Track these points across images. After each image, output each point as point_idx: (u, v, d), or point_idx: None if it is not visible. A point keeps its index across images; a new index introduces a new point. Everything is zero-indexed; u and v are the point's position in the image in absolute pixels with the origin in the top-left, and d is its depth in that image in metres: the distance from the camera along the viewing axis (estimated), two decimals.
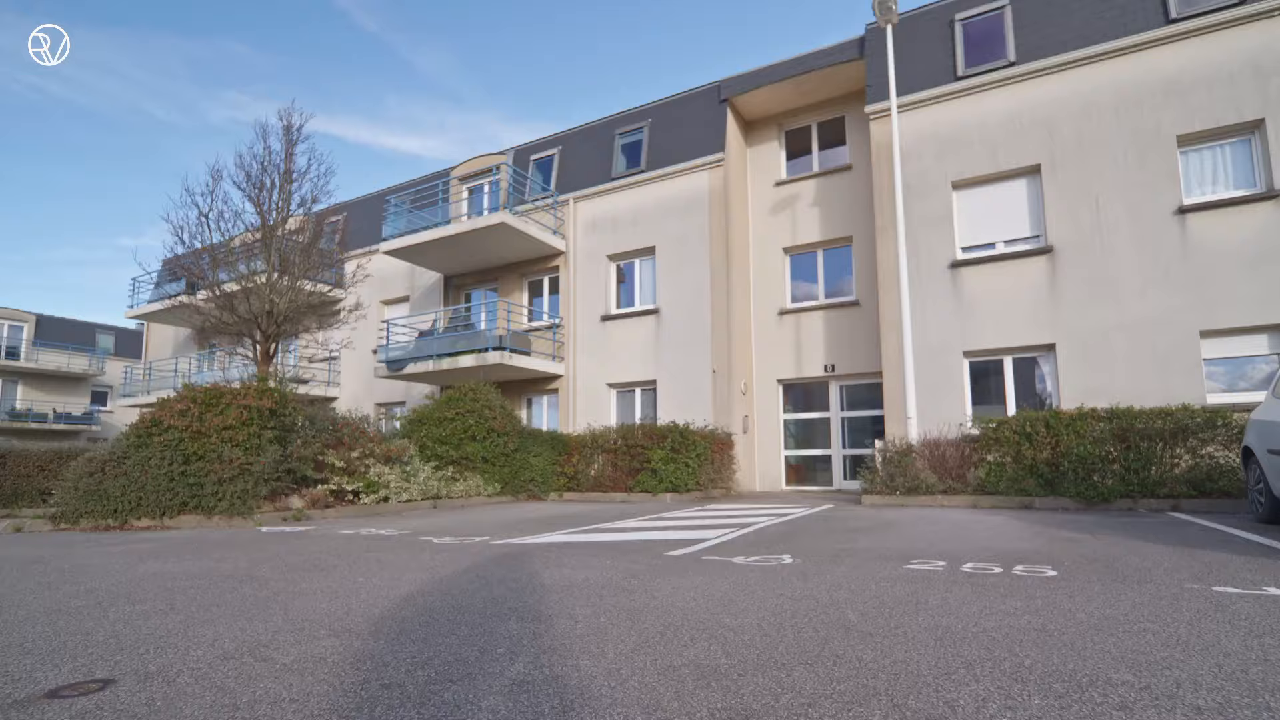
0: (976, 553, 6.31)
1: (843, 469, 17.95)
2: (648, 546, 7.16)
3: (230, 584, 5.21)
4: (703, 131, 19.68)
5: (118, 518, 10.60)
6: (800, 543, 7.30)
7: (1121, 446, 11.78)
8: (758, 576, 5.19)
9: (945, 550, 6.51)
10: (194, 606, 4.36)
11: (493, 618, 3.89)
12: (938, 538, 7.52)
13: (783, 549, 6.78)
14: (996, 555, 6.14)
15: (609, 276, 20.87)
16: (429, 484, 14.27)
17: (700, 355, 18.58)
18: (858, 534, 8.04)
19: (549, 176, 22.84)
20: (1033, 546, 6.67)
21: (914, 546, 6.82)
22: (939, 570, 5.36)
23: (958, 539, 7.41)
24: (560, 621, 3.78)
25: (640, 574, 5.39)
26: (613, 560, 6.15)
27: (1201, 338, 12.94)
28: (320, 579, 5.37)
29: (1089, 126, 14.21)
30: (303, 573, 5.70)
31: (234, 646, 3.35)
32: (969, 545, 6.86)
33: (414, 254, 22.11)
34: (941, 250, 15.51)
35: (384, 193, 27.12)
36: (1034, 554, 6.17)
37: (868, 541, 7.31)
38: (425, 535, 8.69)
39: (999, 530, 8.23)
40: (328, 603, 4.41)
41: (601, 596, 4.48)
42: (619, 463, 16.66)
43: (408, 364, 20.88)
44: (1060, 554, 6.13)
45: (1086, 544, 6.77)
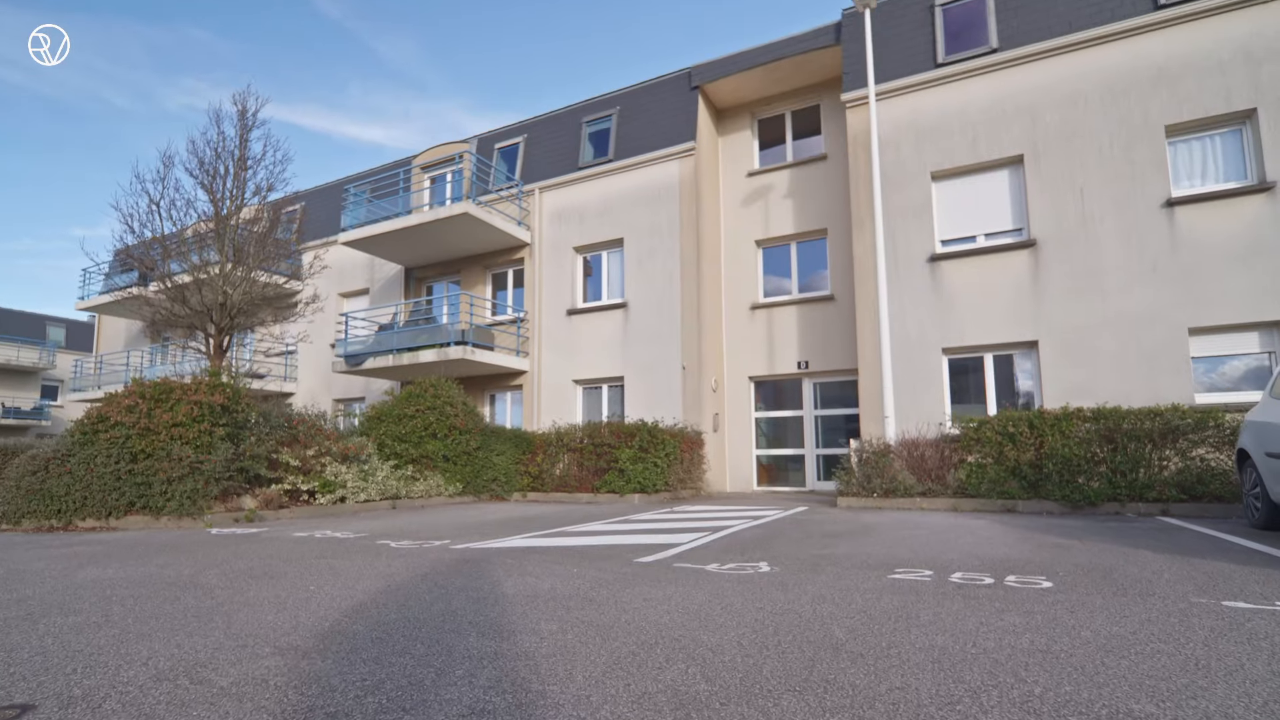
0: (963, 560, 6.03)
1: (816, 469, 17.19)
2: (616, 552, 6.84)
3: (172, 593, 4.91)
4: (673, 120, 18.81)
5: (62, 518, 10.13)
6: (776, 548, 6.98)
7: (1108, 448, 11.20)
8: (734, 587, 4.89)
9: (930, 558, 6.22)
10: (131, 618, 4.09)
11: (451, 633, 3.64)
12: (920, 544, 7.19)
13: (759, 556, 6.48)
14: (985, 563, 5.85)
15: (575, 269, 19.97)
16: (388, 484, 13.64)
17: (670, 351, 17.79)
18: (836, 539, 7.69)
19: (514, 166, 21.82)
20: (1022, 554, 6.37)
21: (896, 553, 6.51)
22: (926, 580, 5.06)
23: (941, 545, 7.08)
24: (524, 638, 3.53)
25: (609, 583, 5.09)
26: (579, 568, 5.84)
27: (1190, 335, 12.31)
28: (268, 587, 5.07)
29: (1074, 116, 13.54)
30: (250, 580, 5.41)
31: (169, 666, 3.13)
32: (954, 552, 6.56)
33: (374, 245, 21.13)
34: (920, 243, 14.78)
35: (343, 182, 25.99)
36: (1025, 562, 5.88)
37: (847, 547, 6.98)
38: (382, 538, 8.29)
39: (984, 536, 7.86)
40: (274, 615, 4.13)
41: (568, 609, 4.20)
42: (585, 462, 15.95)
43: (367, 359, 20.00)
44: (1052, 562, 5.85)
45: (1078, 551, 6.49)
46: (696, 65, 18.67)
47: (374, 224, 20.42)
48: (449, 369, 18.81)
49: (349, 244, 20.88)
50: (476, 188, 21.49)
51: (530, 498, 15.99)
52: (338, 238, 21.59)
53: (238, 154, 17.91)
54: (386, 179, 23.84)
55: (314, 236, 25.70)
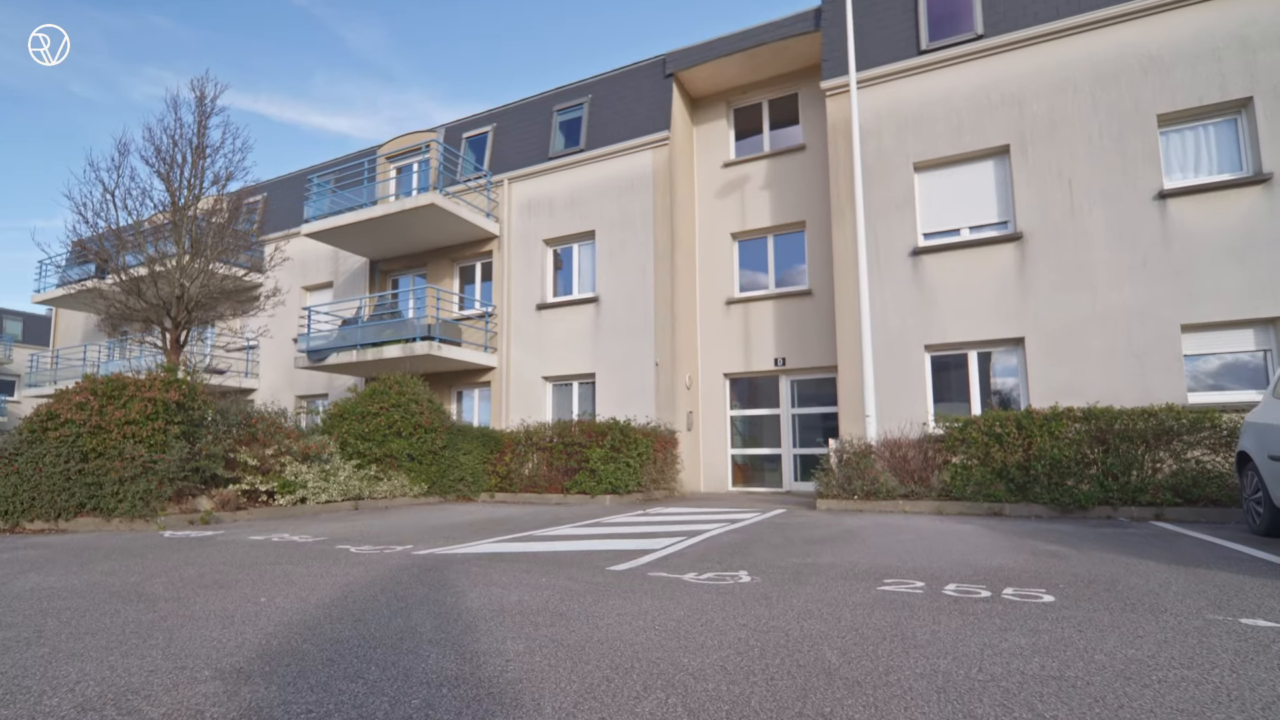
0: (956, 570, 5.68)
1: (793, 469, 16.42)
2: (587, 559, 6.49)
3: (114, 604, 4.57)
4: (647, 108, 17.95)
5: (8, 520, 9.70)
6: (757, 556, 6.64)
7: (1100, 449, 10.59)
8: (714, 600, 4.57)
9: (920, 567, 5.86)
10: (66, 634, 3.80)
11: (410, 654, 3.35)
12: (908, 552, 6.83)
13: (738, 564, 6.13)
14: (979, 574, 5.50)
15: (545, 262, 19.09)
16: (350, 484, 13.05)
17: (642, 347, 17.03)
18: (819, 546, 7.32)
19: (482, 156, 20.85)
20: (1016, 563, 6.02)
21: (884, 562, 6.17)
22: (919, 593, 4.74)
23: (930, 553, 6.71)
24: (489, 661, 3.24)
25: (580, 595, 4.76)
26: (548, 577, 5.50)
27: (1182, 332, 11.67)
28: (217, 598, 4.75)
29: (1062, 104, 12.84)
30: (199, 590, 5.07)
31: (98, 692, 2.83)
32: (945, 561, 6.20)
33: (338, 237, 20.17)
34: (902, 236, 14.05)
35: (307, 171, 24.89)
36: (1021, 573, 5.54)
37: (831, 555, 6.60)
38: (342, 542, 7.88)
39: (973, 542, 7.49)
40: (220, 630, 3.83)
41: (536, 625, 3.90)
42: (555, 462, 15.18)
43: (330, 354, 19.08)
44: (1050, 573, 5.51)
45: (1075, 560, 6.13)
46: (671, 52, 17.78)
47: (338, 215, 19.59)
48: (414, 365, 18.11)
49: (312, 236, 19.95)
50: (444, 178, 20.64)
51: (498, 498, 15.33)
52: (300, 229, 20.64)
53: (196, 142, 17.21)
54: (351, 169, 22.91)
55: (277, 228, 24.72)
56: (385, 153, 22.53)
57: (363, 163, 21.94)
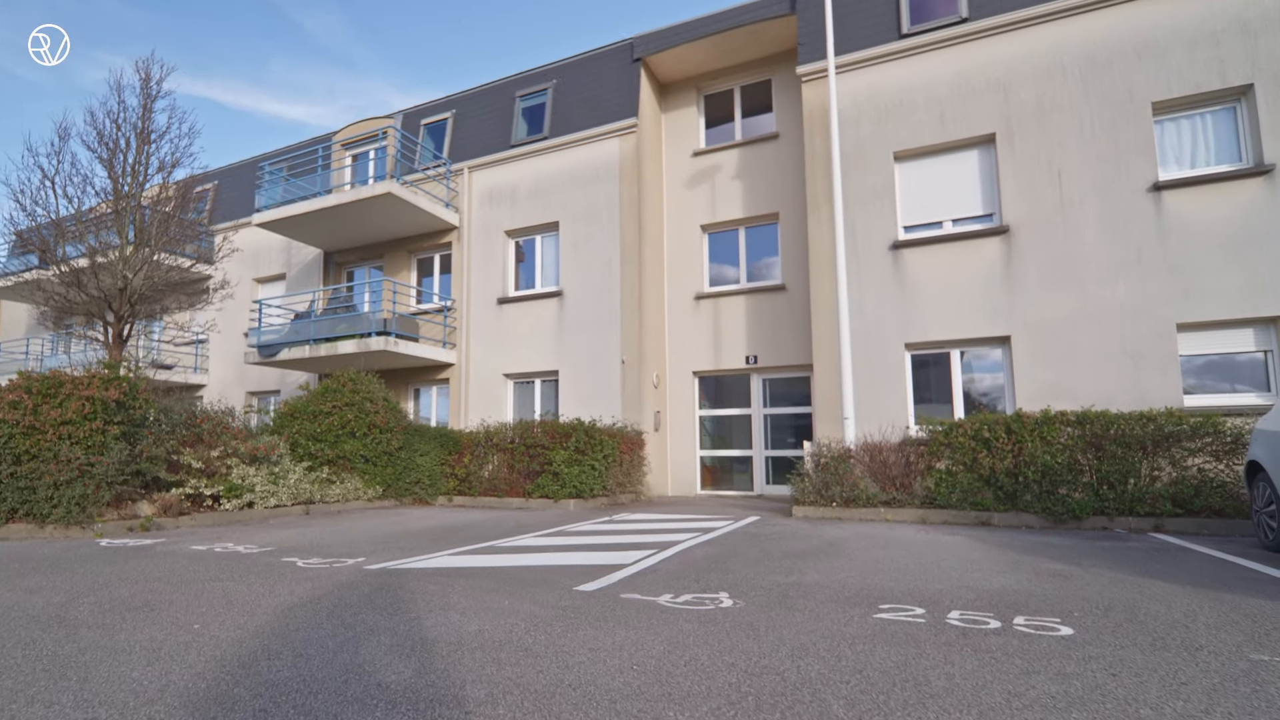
0: (955, 593, 5.15)
1: (765, 472, 15.34)
2: (553, 576, 5.96)
3: (31, 632, 4.09)
4: (613, 94, 16.75)
5: None
6: (736, 573, 6.09)
7: (1095, 455, 9.72)
8: (695, 630, 4.11)
9: (915, 589, 5.33)
10: None
11: (355, 703, 2.88)
12: (899, 569, 6.26)
13: (717, 583, 5.62)
14: (982, 598, 4.98)
15: (507, 254, 17.83)
16: (300, 487, 12.26)
17: (608, 343, 15.90)
18: (801, 561, 6.73)
19: (441, 143, 19.46)
20: (1019, 584, 5.50)
21: (875, 582, 5.63)
22: (921, 623, 4.25)
23: (923, 571, 6.14)
24: (446, 712, 2.76)
25: (547, 624, 4.29)
26: (512, 599, 4.99)
27: (1178, 331, 10.76)
28: (146, 625, 4.25)
29: (1051, 91, 11.87)
30: (127, 614, 4.55)
31: None
32: (942, 582, 5.64)
33: (290, 227, 18.75)
34: (881, 229, 13.02)
35: (259, 159, 23.29)
36: (1027, 596, 5.03)
37: (817, 573, 6.04)
38: (289, 554, 7.33)
39: (967, 558, 6.88)
40: (143, 669, 3.35)
41: (499, 664, 3.44)
42: (516, 464, 14.06)
43: (281, 349, 17.73)
44: (1059, 597, 4.99)
45: (1082, 581, 5.58)
46: (639, 36, 16.52)
47: (291, 204, 18.19)
48: (370, 361, 16.83)
49: (264, 225, 18.52)
50: (401, 166, 19.32)
51: (456, 502, 14.34)
52: (252, 219, 19.20)
53: (140, 126, 15.91)
54: (305, 157, 21.47)
55: (228, 218, 23.14)
56: (341, 140, 21.17)
57: (317, 150, 20.48)
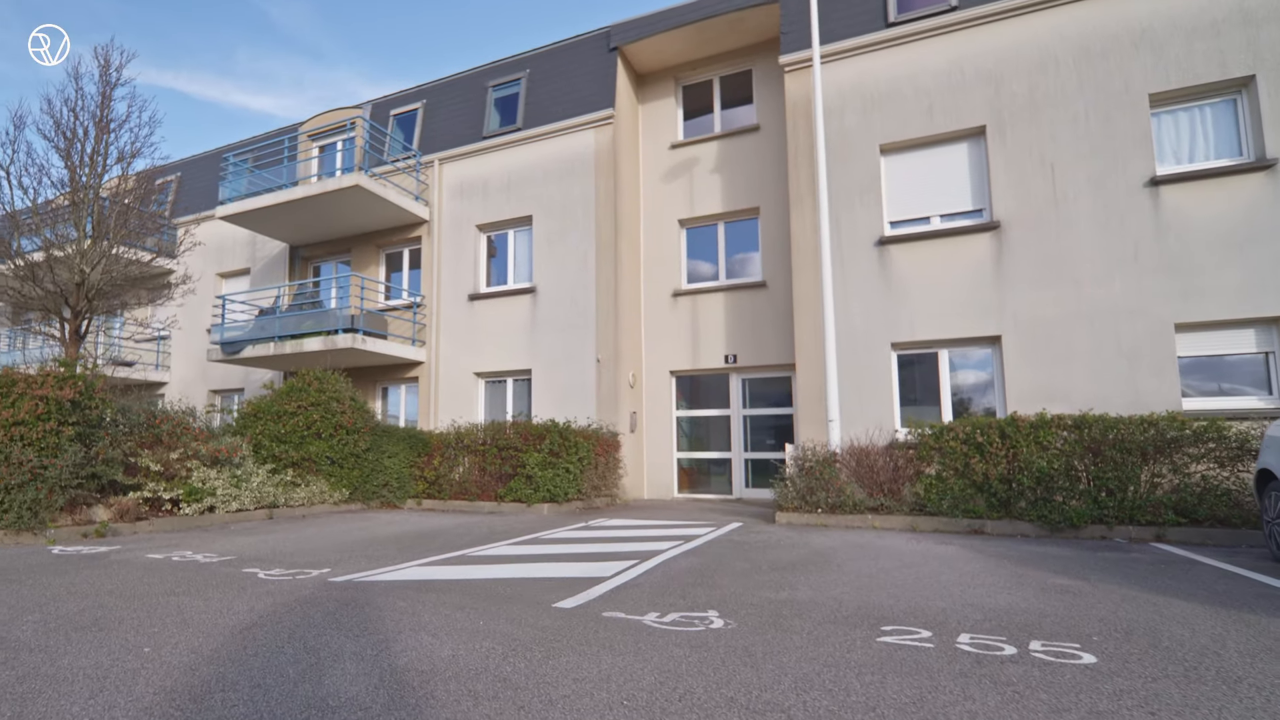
0: (961, 612, 4.71)
1: (744, 475, 14.53)
2: (530, 590, 5.51)
3: None
4: (589, 84, 15.84)
5: None
6: (723, 588, 5.62)
7: (1093, 461, 9.03)
8: (687, 656, 3.65)
9: (917, 607, 4.88)
10: None
11: None
12: (895, 583, 5.80)
13: (705, 599, 5.18)
14: (991, 619, 4.54)
15: (478, 249, 16.85)
16: (264, 490, 11.53)
17: (583, 342, 15.02)
18: (791, 574, 6.22)
19: (411, 134, 18.41)
20: (1026, 602, 5.05)
21: (873, 600, 5.17)
22: (929, 648, 3.81)
23: (922, 587, 5.66)
24: None
25: (526, 647, 3.82)
26: (486, 618, 4.54)
27: (1176, 331, 10.12)
28: (93, 647, 3.78)
29: (1044, 83, 11.17)
30: (74, 634, 4.08)
31: None
32: (944, 599, 5.18)
33: (255, 220, 17.65)
34: (867, 225, 12.26)
35: (224, 150, 22.19)
36: (1039, 617, 4.58)
37: (810, 589, 5.56)
38: (250, 563, 6.88)
39: (966, 571, 6.36)
40: (84, 702, 2.93)
41: (476, 697, 2.99)
42: (488, 466, 13.14)
43: (245, 346, 16.70)
44: (1073, 618, 4.54)
45: (1093, 599, 5.14)
46: (616, 24, 15.61)
47: (256, 196, 17.16)
48: (336, 359, 15.82)
49: (228, 218, 17.44)
50: (370, 158, 18.29)
51: (426, 506, 13.41)
52: (215, 212, 18.10)
53: (99, 114, 14.99)
54: (270, 148, 20.34)
55: (191, 210, 21.84)
56: (307, 131, 20.11)
57: (283, 141, 19.47)
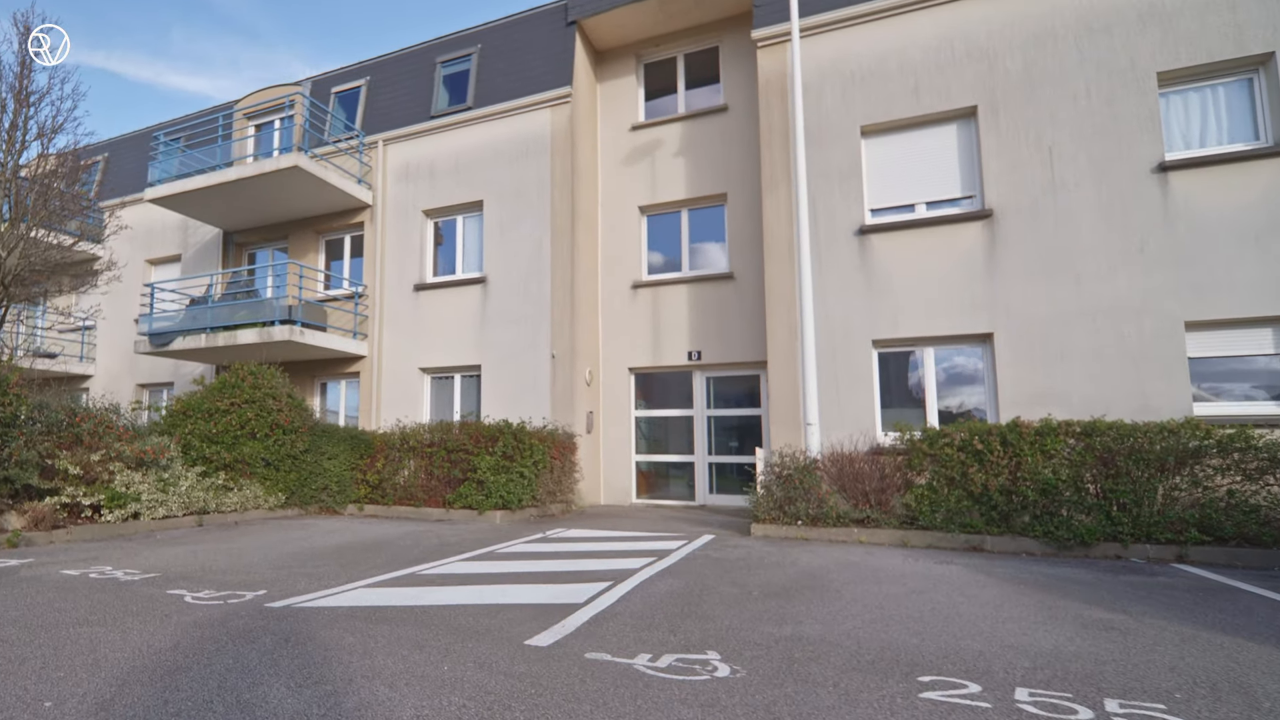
0: (1003, 656, 3.66)
1: (708, 480, 12.83)
2: (495, 621, 4.43)
3: None
4: (545, 61, 13.91)
5: None
6: (717, 619, 4.56)
7: (1104, 473, 7.67)
8: None
9: (948, 648, 3.82)
10: None
11: None
12: (910, 615, 4.68)
13: (699, 636, 4.11)
14: (1041, 665, 3.50)
15: (425, 236, 14.89)
16: (193, 495, 10.24)
17: (537, 336, 13.18)
18: (788, 601, 5.16)
19: (354, 113, 16.26)
20: (1071, 642, 3.97)
21: (893, 636, 4.10)
22: (986, 709, 2.88)
23: (942, 619, 4.58)
24: None
25: (504, 704, 2.92)
26: (451, 661, 3.50)
27: (1187, 330, 8.75)
28: None
29: (1042, 59, 9.71)
30: None
31: None
32: (974, 636, 4.11)
33: (187, 203, 15.39)
34: (846, 213, 10.68)
35: (154, 129, 19.90)
36: (1095, 664, 3.53)
37: (816, 621, 4.48)
38: (177, 582, 5.80)
39: (982, 599, 5.27)
40: None
41: None
42: (436, 470, 11.36)
43: (175, 338, 14.57)
44: (1137, 666, 3.51)
45: (1147, 639, 4.06)
46: None
47: (188, 178, 14.93)
48: (272, 352, 13.71)
49: (157, 201, 15.16)
50: (310, 138, 16.18)
51: (368, 511, 11.73)
52: (144, 194, 15.89)
53: (17, 86, 13.16)
54: (204, 126, 18.01)
55: (119, 193, 19.29)
56: (243, 109, 17.89)
57: (217, 119, 17.31)
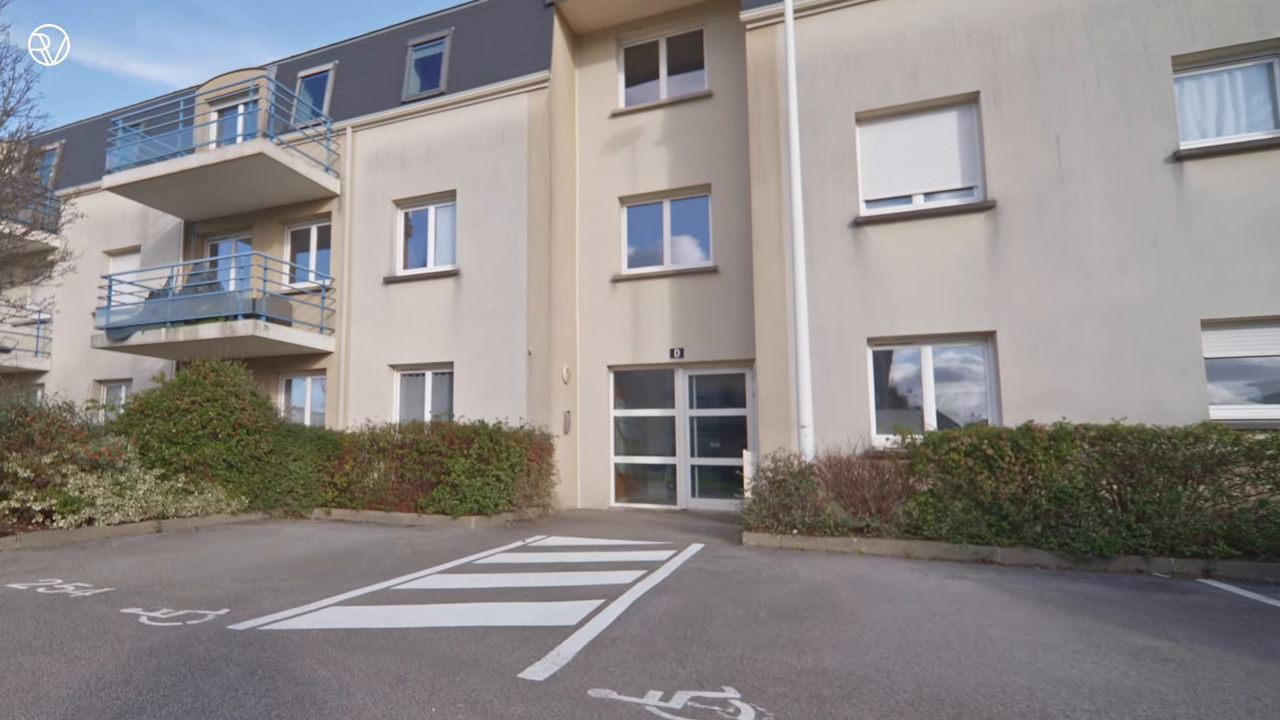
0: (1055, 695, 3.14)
1: (690, 483, 11.85)
2: (483, 648, 3.84)
3: None
4: (522, 44, 12.77)
5: None
6: (727, 647, 3.91)
7: (1125, 481, 6.93)
8: None
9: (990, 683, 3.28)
10: None
11: None
12: (938, 642, 4.04)
13: (710, 667, 3.53)
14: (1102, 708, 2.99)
15: (395, 227, 13.70)
16: (151, 499, 9.35)
17: (512, 332, 12.11)
18: (799, 623, 4.50)
19: (321, 99, 15.01)
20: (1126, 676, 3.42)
21: (926, 669, 3.47)
22: None
23: (972, 646, 3.96)
24: None
25: None
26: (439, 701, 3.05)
27: (1203, 329, 7.94)
28: None
29: (1048, 42, 8.84)
30: None
31: None
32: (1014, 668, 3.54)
33: (147, 191, 14.10)
34: (840, 204, 9.75)
35: (113, 114, 18.61)
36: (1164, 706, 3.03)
37: (836, 651, 3.85)
38: (132, 598, 5.09)
39: (1010, 621, 4.64)
40: None
41: None
42: (407, 472, 10.33)
43: (134, 332, 13.30)
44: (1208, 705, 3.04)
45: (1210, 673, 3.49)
46: None
47: (148, 165, 13.64)
48: (235, 347, 12.52)
49: (116, 189, 13.83)
50: (276, 124, 14.96)
51: (336, 516, 10.77)
52: (102, 182, 14.66)
53: None
54: (165, 111, 16.65)
55: (76, 180, 17.72)
56: (206, 95, 16.66)
57: (179, 104, 16.15)
